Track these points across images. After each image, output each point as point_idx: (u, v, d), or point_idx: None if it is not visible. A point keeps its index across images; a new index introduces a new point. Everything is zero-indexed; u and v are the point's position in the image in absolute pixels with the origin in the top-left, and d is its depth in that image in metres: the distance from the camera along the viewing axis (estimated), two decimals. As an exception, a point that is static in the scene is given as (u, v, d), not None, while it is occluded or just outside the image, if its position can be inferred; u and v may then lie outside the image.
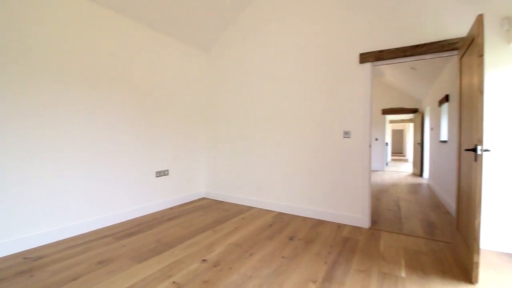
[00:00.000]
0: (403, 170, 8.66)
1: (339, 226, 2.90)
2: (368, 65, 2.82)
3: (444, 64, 4.04)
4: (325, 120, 3.11)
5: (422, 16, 2.56)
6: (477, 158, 1.78)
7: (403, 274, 1.91)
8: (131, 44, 3.04)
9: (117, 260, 2.03)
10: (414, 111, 7.38)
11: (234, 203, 3.83)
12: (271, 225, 2.91)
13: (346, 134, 2.97)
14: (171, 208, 3.50)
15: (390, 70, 5.85)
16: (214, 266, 1.96)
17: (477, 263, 1.77)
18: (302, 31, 3.27)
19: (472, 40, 1.90)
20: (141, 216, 3.15)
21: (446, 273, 1.92)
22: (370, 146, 2.87)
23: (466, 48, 2.09)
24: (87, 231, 2.64)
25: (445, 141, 4.05)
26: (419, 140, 7.16)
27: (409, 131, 11.21)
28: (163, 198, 3.48)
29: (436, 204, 4.00)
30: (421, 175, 7.01)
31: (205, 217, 3.16)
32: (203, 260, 2.06)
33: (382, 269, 1.98)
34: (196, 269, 1.91)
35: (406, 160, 12.56)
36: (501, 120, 2.26)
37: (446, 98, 3.91)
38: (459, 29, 2.41)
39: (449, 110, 3.83)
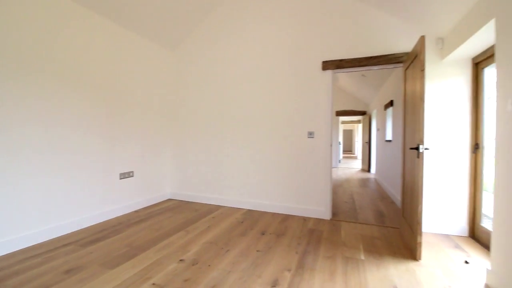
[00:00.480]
0: (353, 166, 9.55)
1: (305, 219, 3.14)
2: (329, 72, 3.11)
3: (389, 73, 4.62)
4: (291, 121, 3.32)
5: (375, 32, 2.93)
6: (419, 155, 2.15)
7: (362, 257, 2.19)
8: (94, 39, 2.83)
9: (86, 267, 1.91)
10: (362, 113, 8.21)
11: (203, 203, 3.83)
12: (242, 222, 3.02)
13: (310, 134, 3.22)
14: (136, 211, 3.35)
15: (343, 75, 6.42)
16: (193, 265, 1.99)
17: (420, 243, 2.14)
18: (270, 36, 3.43)
19: (416, 56, 2.27)
20: (105, 221, 2.96)
21: (396, 253, 2.26)
22: (331, 145, 3.17)
23: (410, 62, 2.48)
24: (46, 240, 2.40)
25: (389, 141, 4.65)
26: (367, 140, 7.99)
27: (358, 131, 12.37)
28: (128, 201, 3.31)
29: (383, 196, 4.56)
30: (369, 170, 7.83)
31: (175, 218, 3.12)
32: (181, 260, 2.07)
33: (345, 254, 2.24)
34: (175, 269, 1.92)
35: (355, 158, 13.83)
36: (436, 123, 2.73)
37: (390, 103, 4.48)
38: (404, 45, 2.82)
39: (393, 113, 4.41)
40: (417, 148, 2.18)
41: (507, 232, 1.62)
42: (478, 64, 2.53)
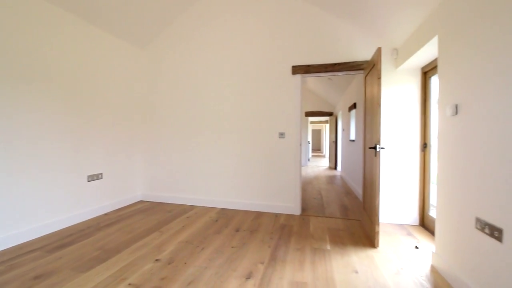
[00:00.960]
0: (321, 164, 10.04)
1: (276, 216, 3.30)
2: (298, 76, 3.30)
3: (352, 78, 4.98)
4: (263, 122, 3.46)
5: (339, 41, 3.18)
6: (376, 154, 2.40)
7: (328, 247, 2.40)
8: (59, 35, 2.69)
9: (56, 273, 1.85)
10: (329, 114, 8.67)
11: (176, 204, 3.82)
12: (216, 220, 3.08)
13: (281, 135, 3.39)
14: (106, 214, 3.24)
15: (311, 78, 6.75)
16: (169, 264, 2.03)
17: (378, 232, 2.40)
18: (244, 40, 3.53)
19: (373, 65, 2.53)
20: (73, 225, 2.83)
21: (357, 243, 2.51)
22: (300, 145, 3.37)
23: (369, 70, 2.75)
24: (7, 247, 2.25)
25: (353, 140, 5.02)
26: (333, 139, 8.47)
27: (326, 131, 12.98)
28: (96, 204, 3.19)
29: (348, 191, 4.91)
30: (335, 168, 8.31)
31: (148, 219, 3.09)
32: (156, 260, 2.09)
33: (313, 245, 2.43)
34: (151, 269, 1.94)
35: (323, 156, 14.50)
36: (392, 124, 3.04)
37: (354, 106, 4.85)
38: (365, 54, 3.11)
39: (356, 115, 4.77)
40: (374, 148, 2.44)
41: (446, 219, 1.91)
42: (426, 73, 2.88)
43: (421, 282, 1.82)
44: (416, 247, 2.41)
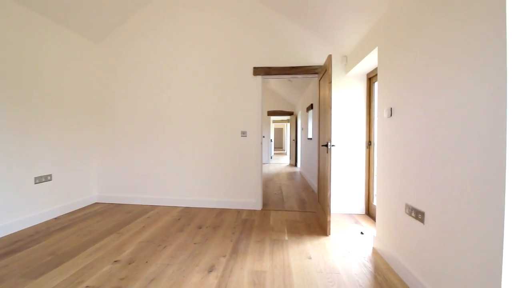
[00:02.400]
0: (283, 162, 10.44)
1: (239, 212, 3.42)
2: (259, 78, 3.45)
3: (310, 80, 5.31)
4: (226, 121, 3.55)
5: (298, 46, 3.41)
6: (328, 151, 2.66)
7: (286, 238, 2.59)
8: (3, 25, 2.44)
9: (4, 281, 1.72)
10: (290, 113, 9.07)
11: (136, 204, 3.70)
12: (179, 219, 3.09)
13: (243, 133, 3.51)
14: (57, 218, 3.02)
15: (273, 79, 7.00)
16: (129, 264, 2.01)
17: (329, 221, 2.66)
18: (207, 39, 3.56)
19: (326, 70, 2.78)
20: (20, 231, 2.60)
21: (312, 232, 2.75)
22: (261, 143, 3.53)
23: (323, 74, 3.00)
24: None
25: (310, 139, 5.36)
26: (294, 137, 8.88)
27: (287, 129, 13.47)
28: (46, 207, 2.96)
29: (306, 186, 5.24)
30: (295, 165, 8.73)
31: (105, 221, 2.96)
32: (115, 261, 2.05)
33: (272, 237, 2.60)
34: (110, 270, 1.91)
35: (285, 154, 15.05)
36: (343, 124, 3.36)
37: (311, 106, 5.18)
38: (320, 59, 3.37)
39: (313, 115, 5.11)
40: (326, 145, 2.69)
41: (384, 207, 2.21)
42: (371, 79, 3.25)
43: (364, 263, 2.09)
44: (362, 233, 2.73)
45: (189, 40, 3.59)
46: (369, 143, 3.32)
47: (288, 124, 13.10)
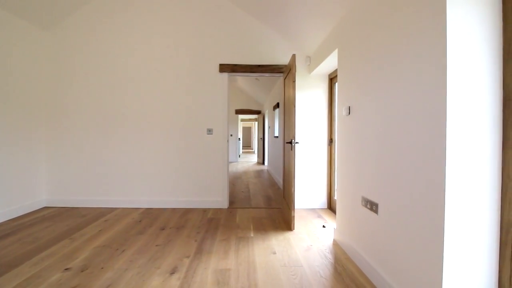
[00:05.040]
0: (251, 160, 10.50)
1: (205, 211, 3.35)
2: (225, 75, 3.41)
3: (276, 79, 5.40)
4: (191, 119, 3.45)
5: (264, 45, 3.43)
6: (292, 148, 2.73)
7: (252, 234, 2.60)
8: None
9: None
10: (258, 112, 9.14)
11: (92, 207, 3.43)
12: (140, 221, 2.93)
13: (209, 131, 3.45)
14: (-7, 226, 2.68)
15: (241, 77, 6.98)
16: (82, 271, 1.85)
17: (293, 216, 2.73)
18: (170, 31, 3.42)
19: (290, 69, 2.84)
20: None
21: (277, 228, 2.80)
22: (228, 141, 3.49)
23: (287, 74, 3.07)
24: None
25: (277, 137, 5.46)
26: (261, 136, 8.97)
27: (255, 128, 13.55)
28: (-23, 214, 2.60)
29: (272, 183, 5.33)
30: (263, 163, 8.84)
31: (55, 227, 2.70)
32: (66, 269, 1.88)
33: (238, 235, 2.59)
34: (59, 279, 1.74)
35: (253, 152, 15.14)
36: (306, 122, 3.47)
37: (277, 105, 5.28)
38: (285, 58, 3.44)
39: (279, 114, 5.20)
40: (290, 142, 2.76)
41: (343, 200, 2.33)
42: (332, 79, 3.40)
43: (325, 255, 2.19)
44: (324, 226, 2.85)
45: (150, 33, 3.42)
46: (331, 141, 3.47)
47: (256, 123, 13.20)
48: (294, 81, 2.66)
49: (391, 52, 1.57)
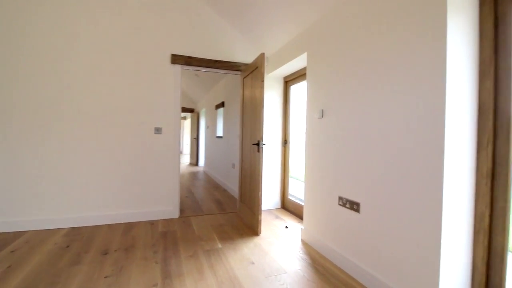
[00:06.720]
0: (182, 161, 9.80)
1: (152, 223, 2.87)
2: (178, 67, 3.01)
3: (221, 77, 5.15)
4: (136, 117, 2.89)
5: (222, 39, 3.20)
6: (259, 150, 2.63)
7: (219, 245, 2.37)
8: None
9: None
10: (191, 110, 8.59)
11: (-22, 235, 2.42)
12: (67, 246, 2.25)
13: (158, 130, 2.97)
14: None
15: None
16: (-2, 337, 1.25)
17: (260, 220, 2.64)
18: (114, 19, 2.75)
19: (256, 68, 2.73)
20: None
21: (243, 234, 2.64)
22: (179, 141, 3.10)
23: (250, 72, 2.94)
24: None
25: (221, 137, 5.24)
26: (195, 136, 8.48)
27: (187, 127, 12.63)
28: None
29: (216, 186, 5.09)
30: (197, 164, 8.37)
31: None
32: None
33: (204, 247, 2.31)
34: None
35: (182, 153, 14.21)
36: (269, 123, 3.42)
37: (222, 104, 5.06)
38: (243, 57, 3.30)
39: (224, 113, 5.00)
40: (257, 144, 2.65)
41: (314, 201, 2.39)
42: (287, 82, 3.47)
43: (301, 256, 2.18)
44: (286, 227, 2.87)
45: (92, 19, 2.67)
46: (285, 142, 3.55)
47: (189, 122, 12.40)
48: (262, 81, 2.56)
49: (366, 61, 1.68)
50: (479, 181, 1.38)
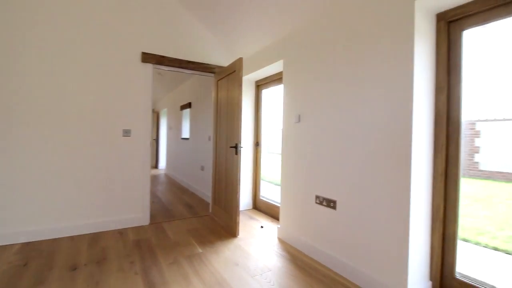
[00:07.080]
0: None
1: (121, 232, 2.68)
2: (150, 66, 2.86)
3: (187, 77, 4.99)
4: (102, 119, 2.66)
5: (196, 41, 3.15)
6: (237, 152, 2.67)
7: (200, 250, 2.34)
8: None
9: None
10: (149, 109, 8.12)
11: None
12: (25, 264, 1.98)
13: (126, 132, 2.79)
14: None
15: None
16: None
17: (238, 222, 2.68)
18: (77, 13, 2.48)
19: (234, 71, 2.76)
20: None
21: (221, 237, 2.65)
22: (150, 144, 2.95)
23: (226, 75, 2.95)
24: None
25: (187, 138, 5.10)
26: (154, 137, 8.04)
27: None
28: None
29: (182, 189, 4.93)
30: (156, 166, 7.95)
31: None
32: None
33: (184, 253, 2.26)
34: None
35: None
36: (245, 126, 3.45)
37: (189, 105, 4.92)
38: (216, 59, 3.29)
39: (191, 114, 4.88)
40: (235, 147, 2.69)
41: (290, 200, 2.52)
42: (259, 86, 3.57)
43: (280, 254, 2.29)
44: (262, 227, 2.96)
45: (53, 11, 2.36)
46: (257, 144, 3.64)
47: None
48: (240, 85, 2.60)
49: (341, 72, 1.88)
50: (435, 178, 1.65)
